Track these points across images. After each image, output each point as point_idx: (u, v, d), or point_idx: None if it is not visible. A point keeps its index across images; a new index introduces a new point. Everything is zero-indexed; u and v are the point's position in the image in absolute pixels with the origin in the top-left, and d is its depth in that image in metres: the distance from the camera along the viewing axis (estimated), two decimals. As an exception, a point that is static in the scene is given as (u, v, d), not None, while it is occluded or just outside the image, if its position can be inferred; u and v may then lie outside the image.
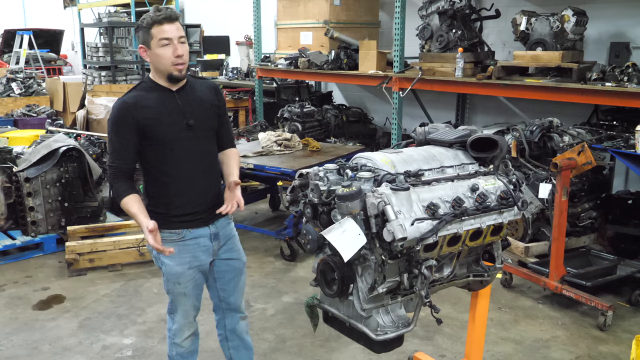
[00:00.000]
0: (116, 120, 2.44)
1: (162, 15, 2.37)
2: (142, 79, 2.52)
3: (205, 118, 2.55)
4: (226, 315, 2.81)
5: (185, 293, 2.59)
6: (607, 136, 4.85)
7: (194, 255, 2.56)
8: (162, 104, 2.45)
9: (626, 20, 5.59)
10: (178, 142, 2.47)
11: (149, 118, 2.42)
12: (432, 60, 5.86)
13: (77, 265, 4.66)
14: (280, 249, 5.06)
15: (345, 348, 3.53)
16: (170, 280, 2.58)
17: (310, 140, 5.83)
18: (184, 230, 2.52)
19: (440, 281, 2.14)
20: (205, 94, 2.58)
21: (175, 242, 2.51)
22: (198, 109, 2.52)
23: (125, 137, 2.42)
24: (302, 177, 2.11)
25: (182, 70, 2.42)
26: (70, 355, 3.52)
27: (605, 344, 3.64)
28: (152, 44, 2.38)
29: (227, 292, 2.75)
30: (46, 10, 17.18)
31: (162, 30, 2.36)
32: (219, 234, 2.63)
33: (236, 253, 2.73)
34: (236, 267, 2.73)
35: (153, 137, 2.44)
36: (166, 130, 2.44)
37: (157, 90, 2.47)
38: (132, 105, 2.42)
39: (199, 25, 11.39)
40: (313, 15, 7.28)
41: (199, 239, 2.56)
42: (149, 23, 2.37)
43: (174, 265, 2.54)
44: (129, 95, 2.46)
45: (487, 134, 2.28)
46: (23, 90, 9.60)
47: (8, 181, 4.99)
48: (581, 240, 4.72)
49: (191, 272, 2.57)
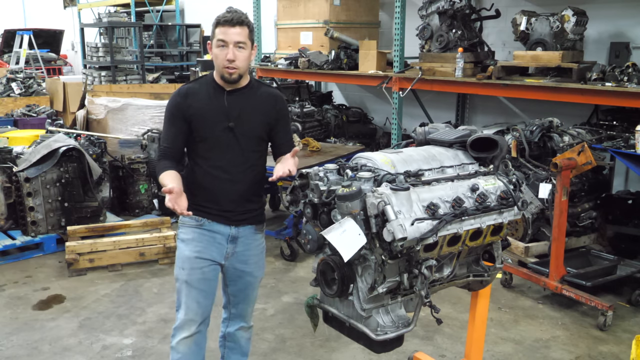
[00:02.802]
0: (169, 107, 2.55)
1: (226, 17, 2.41)
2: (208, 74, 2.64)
3: (250, 124, 2.54)
4: (231, 318, 2.80)
5: (187, 281, 2.55)
6: (607, 136, 4.85)
7: (207, 247, 2.56)
8: (209, 101, 2.51)
9: (626, 20, 5.59)
10: (215, 139, 2.50)
11: (194, 111, 2.49)
12: (432, 60, 5.86)
13: (77, 265, 4.66)
14: (280, 249, 5.06)
15: (345, 348, 3.53)
16: (177, 264, 2.60)
17: (310, 140, 5.82)
18: (204, 219, 2.55)
19: (440, 281, 2.14)
20: (261, 101, 2.58)
21: (192, 228, 2.56)
22: (245, 113, 2.53)
23: (175, 124, 2.52)
24: (302, 177, 2.11)
25: (233, 74, 2.45)
26: (70, 355, 3.52)
27: (605, 344, 3.64)
28: (213, 42, 2.45)
29: (236, 299, 2.74)
30: (46, 10, 17.19)
31: (221, 31, 2.41)
32: (239, 239, 2.60)
33: (251, 266, 2.68)
34: (248, 281, 2.70)
35: (195, 130, 2.51)
36: (206, 126, 2.50)
37: (211, 86, 2.53)
38: (183, 95, 2.52)
39: (199, 25, 11.40)
40: (313, 15, 7.28)
41: (216, 235, 2.57)
42: (215, 22, 2.44)
43: (185, 249, 2.57)
44: (187, 86, 2.57)
45: (487, 134, 2.28)
46: (23, 90, 9.60)
47: (8, 181, 5.00)
48: (581, 240, 4.72)
49: (199, 262, 2.55)
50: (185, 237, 2.60)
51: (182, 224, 2.61)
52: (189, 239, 2.58)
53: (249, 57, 2.48)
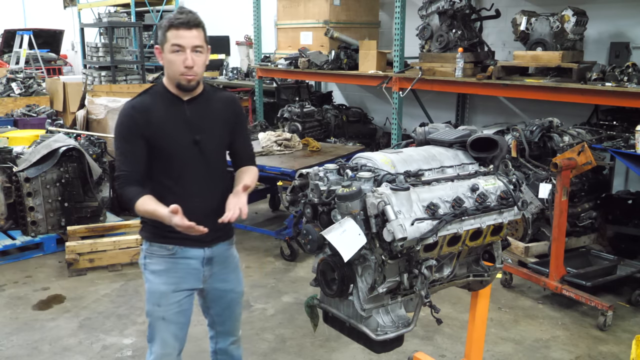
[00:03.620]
0: (124, 126, 2.27)
1: (180, 19, 2.20)
2: (157, 81, 2.38)
3: (215, 134, 2.36)
4: (219, 336, 2.62)
5: (164, 318, 2.35)
6: (607, 136, 4.85)
7: (183, 277, 2.36)
8: (168, 114, 2.28)
9: (626, 20, 5.59)
10: (181, 156, 2.29)
11: (153, 127, 2.25)
12: (432, 60, 5.86)
13: (77, 265, 4.66)
14: (280, 249, 5.06)
15: (345, 348, 3.53)
16: (150, 300, 2.36)
17: (310, 140, 5.82)
18: (176, 247, 2.33)
19: (440, 281, 2.14)
20: (220, 108, 2.38)
21: (164, 258, 2.34)
22: (208, 123, 2.33)
23: (134, 143, 2.25)
24: (302, 177, 2.11)
25: (192, 81, 2.24)
26: (70, 355, 3.52)
27: (605, 344, 3.64)
28: (165, 48, 2.23)
29: (221, 318, 2.57)
30: (46, 10, 17.18)
31: (176, 35, 2.19)
32: (213, 259, 2.41)
33: (231, 283, 2.50)
34: (231, 298, 2.52)
35: (156, 147, 2.27)
36: (170, 142, 2.27)
37: (166, 97, 2.30)
38: (138, 110, 2.26)
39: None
40: (313, 15, 7.28)
41: (190, 260, 2.36)
42: (166, 25, 2.22)
43: (158, 283, 2.34)
44: (136, 100, 2.31)
45: (487, 134, 2.28)
46: (23, 90, 9.59)
47: (8, 181, 4.99)
48: (581, 240, 4.72)
49: (176, 296, 2.35)
50: (156, 269, 2.35)
51: (150, 254, 2.35)
52: (161, 271, 2.34)
53: (206, 61, 2.28)
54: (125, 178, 2.26)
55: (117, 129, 2.29)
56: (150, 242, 2.34)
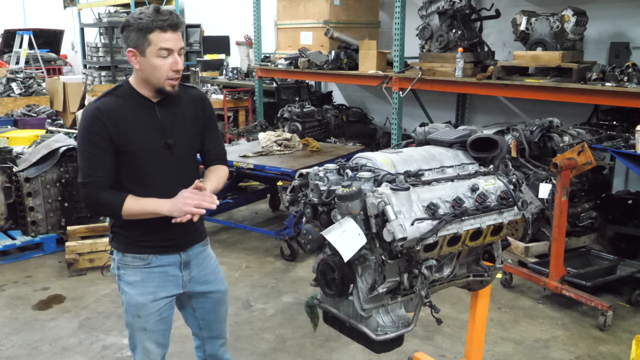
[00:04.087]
0: (89, 129, 2.10)
1: (167, 21, 2.06)
2: (121, 84, 2.22)
3: (187, 136, 2.26)
4: (206, 342, 2.54)
5: (145, 328, 2.27)
6: (607, 136, 4.85)
7: (160, 285, 2.27)
8: (138, 116, 2.15)
9: (626, 20, 5.59)
10: (151, 161, 2.17)
11: (121, 130, 2.10)
12: (432, 60, 5.86)
13: (77, 265, 4.66)
14: (280, 249, 5.06)
15: (345, 348, 3.53)
16: (129, 311, 2.27)
17: (310, 140, 5.82)
18: (150, 255, 2.24)
19: (440, 281, 2.14)
20: (190, 107, 2.28)
21: (138, 269, 2.24)
22: (180, 125, 2.23)
23: (103, 148, 2.09)
24: (302, 177, 2.11)
25: (176, 85, 2.15)
26: (70, 355, 3.52)
27: (605, 344, 3.64)
28: (147, 51, 2.07)
29: (209, 321, 2.49)
30: (46, 10, 17.17)
31: (164, 38, 2.06)
32: (191, 262, 2.33)
33: (214, 284, 2.43)
34: (215, 299, 2.46)
35: (125, 152, 2.13)
36: (139, 146, 2.14)
37: (134, 99, 2.16)
38: (105, 112, 2.09)
39: (199, 25, 11.39)
40: (313, 15, 7.28)
41: (167, 267, 2.27)
42: (147, 26, 2.05)
43: (135, 294, 2.24)
44: (101, 101, 2.13)
45: (487, 134, 2.28)
46: (23, 90, 9.60)
47: (8, 181, 4.99)
48: (581, 240, 4.72)
49: (155, 305, 2.27)
50: (131, 280, 2.25)
51: (123, 265, 2.25)
52: (136, 281, 2.24)
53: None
54: (96, 184, 2.10)
55: (83, 132, 2.12)
56: (123, 252, 2.24)
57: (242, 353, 3.50)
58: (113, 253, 2.31)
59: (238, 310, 4.04)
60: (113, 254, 2.31)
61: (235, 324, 3.84)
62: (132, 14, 2.11)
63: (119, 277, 2.29)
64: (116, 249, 2.29)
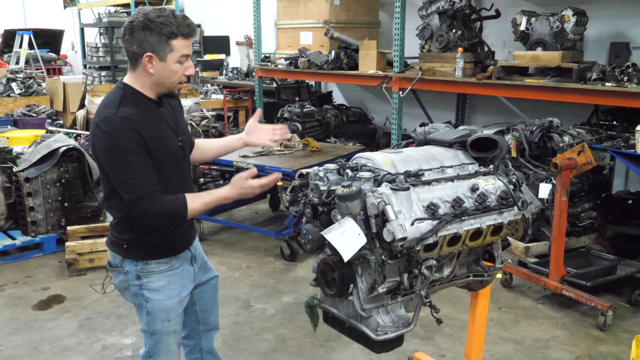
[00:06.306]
0: (123, 140, 2.02)
1: (190, 27, 2.07)
2: (123, 88, 2.15)
3: (187, 131, 2.36)
4: (202, 337, 2.58)
5: (175, 330, 2.33)
6: (607, 136, 4.85)
7: (182, 285, 2.33)
8: (155, 121, 2.14)
9: (626, 20, 5.59)
10: (173, 160, 2.21)
11: (151, 136, 2.08)
12: (432, 60, 5.86)
13: (77, 265, 4.66)
14: (280, 249, 5.06)
15: (345, 348, 3.53)
16: (158, 318, 2.28)
17: (310, 140, 5.82)
18: (173, 258, 2.28)
19: (440, 281, 2.14)
20: (175, 103, 2.34)
21: (163, 273, 2.26)
22: (180, 122, 2.29)
23: (141, 154, 2.05)
24: (302, 177, 2.11)
25: (181, 88, 2.23)
26: (70, 355, 3.52)
27: (605, 344, 3.64)
28: (169, 57, 2.06)
29: (207, 312, 2.55)
30: (46, 10, 17.18)
31: (186, 45, 2.08)
32: (196, 254, 2.42)
33: (211, 271, 2.55)
34: (212, 284, 2.55)
35: (156, 157, 2.11)
36: (166, 148, 2.16)
37: (145, 103, 2.13)
38: (132, 121, 2.04)
39: (199, 25, 11.38)
40: (313, 15, 7.28)
41: (183, 265, 2.34)
42: (172, 32, 2.03)
43: (164, 299, 2.26)
44: (122, 111, 2.04)
45: (487, 134, 2.28)
46: (23, 90, 9.60)
47: (8, 181, 4.99)
48: (581, 240, 4.72)
49: (181, 305, 2.33)
50: (157, 286, 2.26)
51: (147, 273, 2.24)
52: (163, 286, 2.26)
53: None
54: (152, 194, 2.06)
55: (117, 145, 2.03)
56: (146, 260, 2.23)
57: (242, 353, 3.50)
58: (122, 266, 2.27)
59: (238, 310, 4.04)
60: (121, 266, 2.27)
61: (235, 324, 3.84)
62: (147, 15, 2.04)
63: (141, 287, 2.25)
64: (134, 259, 2.25)
